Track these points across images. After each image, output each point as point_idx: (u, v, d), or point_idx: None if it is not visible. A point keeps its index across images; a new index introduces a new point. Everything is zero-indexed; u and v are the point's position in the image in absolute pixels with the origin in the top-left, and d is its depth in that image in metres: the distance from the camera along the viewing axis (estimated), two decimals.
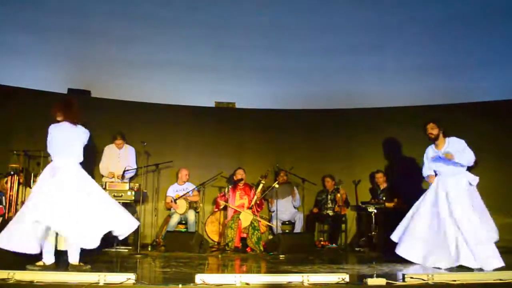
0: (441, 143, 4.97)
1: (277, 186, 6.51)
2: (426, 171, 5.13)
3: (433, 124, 4.93)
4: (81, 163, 4.49)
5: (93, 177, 6.59)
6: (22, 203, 6.23)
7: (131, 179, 6.76)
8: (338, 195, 7.01)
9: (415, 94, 7.45)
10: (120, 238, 4.62)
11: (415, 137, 7.00)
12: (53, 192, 4.14)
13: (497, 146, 7.06)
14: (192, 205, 6.76)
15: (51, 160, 4.42)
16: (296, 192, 7.21)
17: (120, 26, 6.53)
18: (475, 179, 4.85)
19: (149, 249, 6.14)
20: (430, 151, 5.08)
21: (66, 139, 4.35)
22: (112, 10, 6.20)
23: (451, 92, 7.33)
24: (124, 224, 4.45)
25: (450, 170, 4.86)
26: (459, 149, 4.83)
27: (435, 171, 5.06)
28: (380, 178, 7.07)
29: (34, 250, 4.14)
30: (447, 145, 4.94)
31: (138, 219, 6.55)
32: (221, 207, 6.62)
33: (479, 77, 7.35)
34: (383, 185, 7.04)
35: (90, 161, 6.85)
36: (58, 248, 4.37)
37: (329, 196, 7.21)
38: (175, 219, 6.61)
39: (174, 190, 6.99)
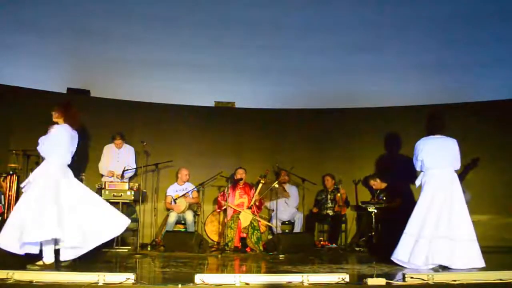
0: None
1: (277, 186, 6.49)
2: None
3: None
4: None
5: (92, 176, 6.70)
6: None
7: (130, 178, 6.75)
8: (338, 194, 7.00)
9: (415, 93, 7.44)
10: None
11: (415, 136, 7.01)
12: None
13: (497, 145, 7.06)
14: (192, 207, 6.76)
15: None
16: (288, 191, 7.14)
17: (119, 26, 6.52)
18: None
19: (149, 249, 6.13)
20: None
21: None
22: (111, 10, 6.19)
23: (451, 92, 7.33)
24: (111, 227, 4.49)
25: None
26: None
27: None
28: (374, 183, 7.05)
29: (33, 250, 4.16)
30: None
31: (137, 219, 6.61)
32: (224, 207, 6.59)
33: (479, 77, 7.34)
34: (379, 187, 7.01)
35: (90, 160, 6.88)
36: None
37: (329, 196, 7.20)
38: (172, 218, 6.58)
39: (174, 190, 6.97)
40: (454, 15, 6.12)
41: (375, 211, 6.39)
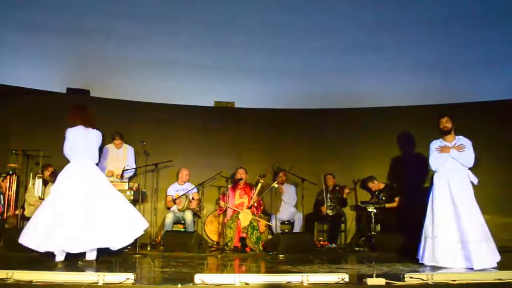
0: (450, 139, 4.94)
1: (276, 186, 6.49)
2: (434, 161, 4.95)
3: (448, 118, 4.91)
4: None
5: None
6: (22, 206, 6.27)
7: (130, 178, 6.74)
8: (344, 190, 6.98)
9: (415, 93, 7.45)
10: (113, 248, 4.61)
11: (415, 136, 7.03)
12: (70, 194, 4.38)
13: (497, 145, 7.05)
14: (194, 210, 6.75)
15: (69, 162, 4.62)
16: (285, 191, 7.13)
17: (119, 26, 6.54)
18: (475, 178, 4.83)
19: (148, 249, 6.12)
20: (437, 142, 4.98)
21: (81, 142, 4.56)
22: (111, 10, 6.21)
23: (450, 92, 7.33)
24: (121, 236, 4.56)
25: (454, 166, 4.85)
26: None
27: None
28: (372, 185, 7.04)
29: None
30: (456, 141, 4.92)
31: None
32: (224, 209, 6.57)
33: (479, 77, 7.35)
34: (377, 188, 7.00)
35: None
36: None
37: (329, 195, 7.18)
38: (169, 219, 6.56)
39: (174, 190, 6.97)
40: (454, 15, 6.13)
41: (375, 211, 6.39)
